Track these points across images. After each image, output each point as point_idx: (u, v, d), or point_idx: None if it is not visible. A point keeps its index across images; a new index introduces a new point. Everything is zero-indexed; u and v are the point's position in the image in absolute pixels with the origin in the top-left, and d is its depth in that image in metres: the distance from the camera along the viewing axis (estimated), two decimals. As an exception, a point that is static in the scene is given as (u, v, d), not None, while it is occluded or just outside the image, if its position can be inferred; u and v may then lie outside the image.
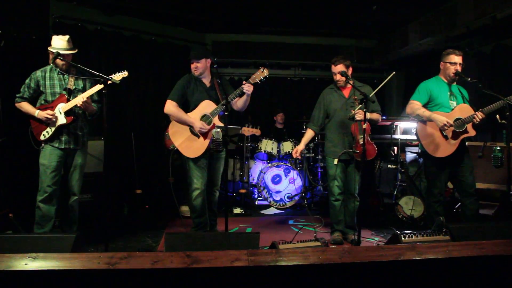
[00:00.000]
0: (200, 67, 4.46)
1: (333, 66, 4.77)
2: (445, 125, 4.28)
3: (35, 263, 2.22)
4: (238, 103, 4.49)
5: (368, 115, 4.52)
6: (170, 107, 4.42)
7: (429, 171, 4.64)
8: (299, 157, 5.02)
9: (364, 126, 4.09)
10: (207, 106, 4.38)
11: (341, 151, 4.70)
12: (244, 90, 4.26)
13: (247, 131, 5.50)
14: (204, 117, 4.37)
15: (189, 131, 4.41)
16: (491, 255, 2.59)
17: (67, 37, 4.21)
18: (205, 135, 4.36)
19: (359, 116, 4.47)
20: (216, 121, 4.36)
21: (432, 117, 4.36)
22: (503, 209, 5.34)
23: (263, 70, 4.29)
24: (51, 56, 4.20)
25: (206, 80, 4.55)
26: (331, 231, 4.96)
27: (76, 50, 4.27)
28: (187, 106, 4.48)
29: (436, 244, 2.80)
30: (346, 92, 4.82)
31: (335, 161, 4.73)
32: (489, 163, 5.43)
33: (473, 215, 4.43)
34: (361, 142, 4.40)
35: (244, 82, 4.27)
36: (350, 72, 4.74)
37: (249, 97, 4.42)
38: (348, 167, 4.80)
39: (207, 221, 4.60)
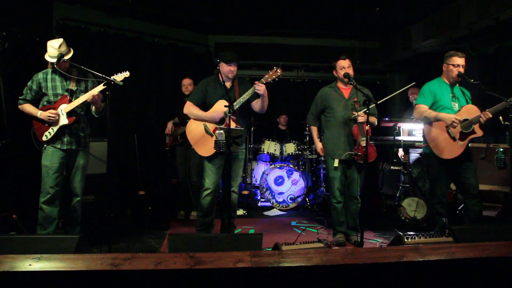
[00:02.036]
0: (236, 70, 4.49)
1: (342, 61, 4.74)
2: (453, 122, 4.26)
3: (39, 264, 2.23)
4: (256, 105, 4.50)
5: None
6: (188, 106, 4.51)
7: (432, 172, 4.62)
8: (323, 152, 4.94)
9: (367, 127, 4.09)
10: (221, 106, 4.38)
11: (342, 152, 4.68)
12: (256, 90, 4.25)
13: None
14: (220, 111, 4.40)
15: (203, 130, 4.43)
16: (494, 256, 2.59)
17: (59, 42, 4.10)
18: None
19: (361, 118, 4.46)
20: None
21: (439, 116, 4.34)
22: (506, 211, 5.33)
23: (276, 70, 4.28)
24: (49, 65, 4.20)
25: (228, 82, 4.53)
26: (333, 233, 4.95)
27: (72, 53, 4.20)
28: (206, 106, 4.52)
29: (439, 245, 2.79)
30: (346, 93, 4.80)
31: (336, 163, 4.72)
32: (492, 165, 5.42)
33: (476, 216, 4.40)
34: (364, 144, 4.38)
35: (256, 82, 4.26)
36: (351, 73, 4.74)
37: (266, 98, 4.40)
38: (349, 169, 4.77)
39: (213, 222, 4.60)
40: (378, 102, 4.41)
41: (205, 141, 4.42)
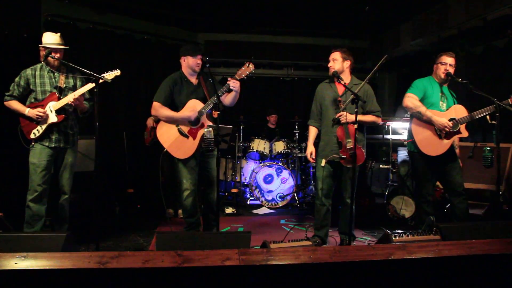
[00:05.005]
0: (201, 62, 4.43)
1: (330, 54, 4.50)
2: (446, 127, 4.30)
3: (25, 263, 2.21)
4: (227, 99, 4.43)
5: (358, 117, 4.24)
6: (156, 108, 4.38)
7: (417, 171, 4.64)
8: (314, 159, 4.63)
9: (355, 126, 3.93)
10: (195, 105, 4.34)
11: (329, 152, 4.45)
12: (231, 87, 4.22)
13: None
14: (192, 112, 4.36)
15: (177, 132, 4.37)
16: (481, 254, 2.61)
17: (58, 34, 4.20)
18: (194, 135, 4.34)
19: (344, 119, 4.29)
20: (205, 120, 4.34)
21: (433, 119, 4.34)
22: (492, 209, 5.38)
23: (248, 65, 4.22)
24: (42, 53, 4.18)
25: (194, 79, 4.51)
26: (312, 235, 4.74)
27: (68, 47, 4.25)
28: (175, 106, 4.43)
29: (427, 243, 2.81)
30: (340, 89, 4.51)
31: (323, 163, 4.47)
32: (479, 163, 5.47)
33: (463, 213, 4.44)
34: (349, 147, 4.19)
35: (229, 78, 4.21)
36: (347, 65, 4.50)
37: (238, 93, 4.36)
38: (340, 172, 4.54)
39: (199, 221, 4.58)
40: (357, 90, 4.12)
41: (181, 143, 4.36)
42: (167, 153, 4.31)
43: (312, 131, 4.70)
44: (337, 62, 4.47)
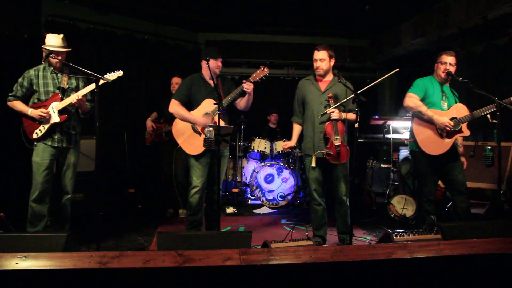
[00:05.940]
0: (221, 65, 4.53)
1: (316, 52, 4.51)
2: (447, 126, 4.29)
3: (26, 263, 2.21)
4: (241, 103, 4.51)
5: (344, 115, 4.32)
6: (174, 106, 4.47)
7: (419, 170, 4.64)
8: (288, 149, 4.87)
9: (356, 125, 3.93)
10: (209, 105, 4.40)
11: (317, 149, 4.42)
12: (245, 89, 4.28)
13: None
14: (206, 115, 4.42)
15: (191, 128, 4.45)
16: (482, 253, 2.60)
17: (61, 35, 4.22)
18: None
19: (335, 115, 4.26)
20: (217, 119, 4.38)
21: (434, 118, 4.33)
22: (494, 208, 5.38)
23: (263, 68, 4.30)
24: (44, 54, 4.20)
25: (211, 80, 4.55)
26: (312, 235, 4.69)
27: (70, 49, 4.27)
28: (191, 104, 4.52)
29: (428, 242, 2.81)
30: (322, 86, 4.53)
31: (313, 163, 4.46)
32: (480, 163, 5.46)
33: (465, 213, 4.44)
34: (337, 144, 4.22)
35: (244, 81, 4.27)
36: (332, 63, 4.52)
37: (252, 96, 4.43)
38: (332, 170, 4.50)
39: (201, 220, 4.59)
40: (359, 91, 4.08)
41: (193, 139, 4.43)
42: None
43: (297, 128, 4.79)
44: (325, 62, 4.50)
